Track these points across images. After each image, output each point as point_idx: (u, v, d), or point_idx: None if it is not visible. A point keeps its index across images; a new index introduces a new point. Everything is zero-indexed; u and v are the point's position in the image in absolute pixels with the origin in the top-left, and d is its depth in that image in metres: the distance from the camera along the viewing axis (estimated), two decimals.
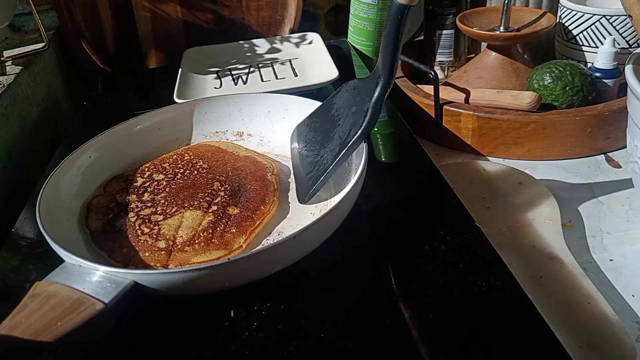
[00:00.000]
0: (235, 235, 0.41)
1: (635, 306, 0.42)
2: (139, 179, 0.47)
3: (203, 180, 0.46)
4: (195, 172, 0.48)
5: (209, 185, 0.46)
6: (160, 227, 0.42)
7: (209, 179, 0.46)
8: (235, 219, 0.42)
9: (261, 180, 0.46)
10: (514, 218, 0.51)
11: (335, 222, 0.39)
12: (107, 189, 0.47)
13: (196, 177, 0.47)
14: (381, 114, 0.63)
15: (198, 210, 0.43)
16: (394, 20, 0.41)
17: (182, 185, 0.46)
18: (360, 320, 0.35)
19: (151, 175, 0.48)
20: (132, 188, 0.46)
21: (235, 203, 0.44)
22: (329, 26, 0.97)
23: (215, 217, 0.42)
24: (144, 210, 0.44)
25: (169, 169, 0.48)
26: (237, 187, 0.45)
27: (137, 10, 0.81)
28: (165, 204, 0.44)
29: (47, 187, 0.42)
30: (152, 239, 0.41)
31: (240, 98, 0.55)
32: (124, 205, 0.45)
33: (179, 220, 0.42)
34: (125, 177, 0.48)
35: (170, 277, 0.34)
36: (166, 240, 0.41)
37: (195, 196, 0.44)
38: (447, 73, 0.79)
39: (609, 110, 0.59)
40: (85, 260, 0.35)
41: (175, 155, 0.50)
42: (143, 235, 0.41)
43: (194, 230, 0.41)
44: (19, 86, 0.66)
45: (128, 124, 0.51)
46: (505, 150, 0.62)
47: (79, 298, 0.33)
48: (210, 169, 0.48)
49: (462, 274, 0.38)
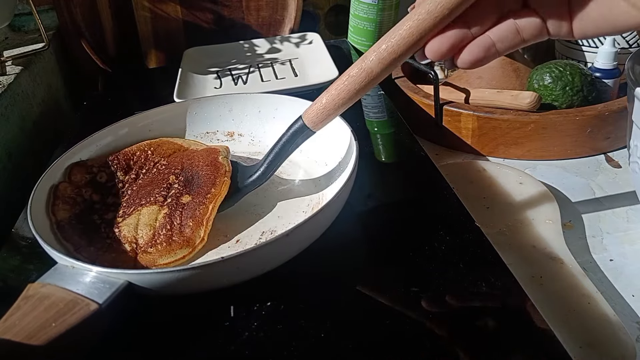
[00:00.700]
0: (193, 228, 0.40)
1: (635, 306, 0.42)
2: (104, 175, 0.47)
3: (160, 176, 0.46)
4: (154, 170, 0.47)
5: (164, 180, 0.45)
6: (121, 229, 0.42)
7: (165, 174, 0.46)
8: (189, 208, 0.42)
9: (212, 164, 0.45)
10: (514, 218, 0.51)
11: (327, 220, 0.39)
12: (72, 178, 0.46)
13: (155, 175, 0.47)
14: (381, 114, 0.63)
15: (154, 206, 0.43)
16: (293, 134, 0.41)
17: (141, 185, 0.46)
18: (360, 320, 0.35)
19: (115, 172, 0.47)
20: (97, 185, 0.46)
21: (188, 192, 0.44)
22: (329, 26, 0.97)
23: (169, 209, 0.42)
24: (108, 214, 0.44)
25: (134, 169, 0.48)
26: (190, 177, 0.45)
27: (137, 10, 0.81)
28: (126, 205, 0.44)
29: (37, 190, 0.42)
30: (116, 242, 0.41)
31: (231, 98, 0.55)
32: (90, 203, 0.45)
33: (136, 219, 0.42)
34: (88, 168, 0.47)
35: (164, 277, 0.34)
36: (129, 242, 0.41)
37: (151, 193, 0.44)
38: (447, 73, 0.79)
39: (609, 110, 0.59)
40: (78, 261, 0.35)
41: (139, 152, 0.49)
42: (108, 239, 0.41)
43: (152, 228, 0.41)
44: (19, 86, 0.66)
45: (119, 125, 0.51)
46: (505, 150, 0.62)
47: (73, 299, 0.33)
48: (169, 164, 0.47)
49: (462, 274, 0.38)
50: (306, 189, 0.47)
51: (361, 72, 0.36)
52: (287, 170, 0.50)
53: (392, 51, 0.34)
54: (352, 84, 0.36)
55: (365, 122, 0.61)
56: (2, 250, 0.44)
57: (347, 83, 0.37)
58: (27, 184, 0.43)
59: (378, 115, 0.63)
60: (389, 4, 0.75)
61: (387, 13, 0.75)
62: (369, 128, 0.60)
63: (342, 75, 0.37)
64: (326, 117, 0.39)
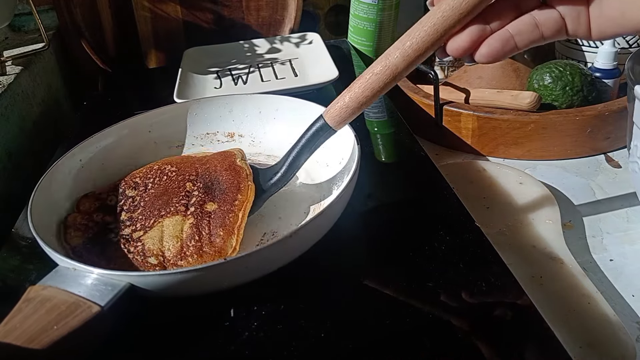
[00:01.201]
0: (224, 238, 0.39)
1: (635, 306, 0.42)
2: (113, 198, 0.45)
3: (174, 184, 0.44)
4: (164, 177, 0.46)
5: (181, 188, 0.44)
6: (144, 242, 0.40)
7: (179, 181, 0.45)
8: (217, 217, 0.40)
9: (231, 168, 0.44)
10: (514, 218, 0.51)
11: (329, 222, 0.39)
12: (81, 207, 0.45)
13: (167, 183, 0.45)
14: (381, 114, 0.63)
15: (176, 216, 0.41)
16: (314, 134, 0.41)
17: (154, 195, 0.44)
18: (360, 320, 0.35)
19: (124, 192, 0.46)
20: (108, 208, 0.45)
21: (211, 199, 0.42)
22: (329, 26, 0.97)
23: (195, 218, 0.41)
24: (124, 230, 0.42)
25: (140, 182, 0.46)
26: (209, 182, 0.44)
27: (137, 10, 0.81)
28: (143, 219, 0.42)
29: (38, 191, 0.42)
30: (140, 256, 0.39)
31: (231, 99, 0.55)
32: (103, 224, 0.43)
33: (159, 232, 0.41)
34: (97, 196, 0.46)
35: (166, 279, 0.33)
36: (155, 256, 0.39)
37: (170, 202, 0.43)
38: (447, 73, 0.79)
39: (609, 110, 0.59)
40: (80, 263, 0.34)
41: (145, 169, 0.48)
42: (130, 254, 0.40)
43: (179, 240, 0.40)
44: (19, 86, 0.66)
45: (119, 126, 0.51)
46: (505, 150, 0.62)
47: (75, 301, 0.32)
48: (179, 171, 0.46)
49: (462, 274, 0.38)
50: (307, 190, 0.47)
51: (385, 70, 0.36)
52: None
53: (416, 48, 0.34)
54: (376, 82, 0.36)
55: (365, 122, 0.61)
56: (2, 250, 0.44)
57: (370, 81, 0.37)
58: (27, 184, 0.43)
59: (378, 115, 0.63)
60: (389, 4, 0.75)
61: (387, 13, 0.75)
62: (369, 128, 0.60)
63: (364, 72, 0.37)
64: (349, 115, 0.39)
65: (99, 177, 0.48)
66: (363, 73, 0.37)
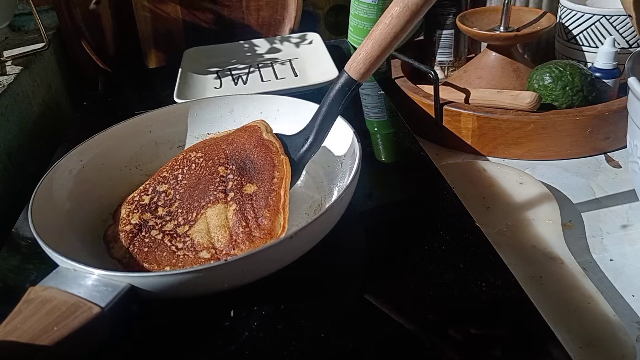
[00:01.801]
0: (271, 219, 0.39)
1: (635, 306, 0.42)
2: (145, 197, 0.45)
3: (205, 170, 0.44)
4: (193, 165, 0.45)
5: (214, 174, 0.43)
6: (192, 237, 0.40)
7: (210, 167, 0.44)
8: (259, 198, 0.40)
9: (260, 144, 0.43)
10: (514, 218, 0.51)
11: (330, 223, 0.39)
12: (116, 216, 0.44)
13: (197, 171, 0.44)
14: (381, 114, 0.63)
15: (217, 204, 0.41)
16: (340, 91, 0.40)
17: (188, 186, 0.43)
18: (360, 320, 0.35)
19: (155, 189, 0.45)
20: (142, 207, 0.44)
21: (248, 180, 0.41)
22: (329, 26, 0.97)
23: (237, 204, 0.40)
24: (166, 225, 0.41)
25: (169, 176, 0.46)
26: (241, 163, 0.43)
27: (137, 10, 0.81)
28: (184, 212, 0.41)
29: (38, 191, 0.42)
30: (191, 252, 0.39)
31: (232, 99, 0.55)
32: (141, 224, 0.42)
33: (204, 223, 0.40)
34: (130, 200, 0.45)
35: (167, 280, 0.33)
36: (206, 249, 0.39)
37: (207, 191, 0.42)
38: (447, 73, 0.79)
39: (609, 110, 0.59)
40: (80, 264, 0.34)
41: (170, 162, 0.48)
42: (180, 251, 0.39)
43: (226, 229, 0.39)
44: (19, 86, 0.66)
45: (119, 126, 0.51)
46: (505, 150, 0.62)
47: (75, 302, 0.32)
48: (207, 156, 0.45)
49: (462, 274, 0.38)
50: (308, 191, 0.47)
51: (404, 10, 0.35)
52: None
53: None
54: (397, 24, 0.36)
55: (365, 122, 0.61)
56: (2, 250, 0.44)
57: (391, 25, 0.36)
58: (27, 184, 0.43)
59: (378, 115, 0.63)
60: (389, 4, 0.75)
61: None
62: (369, 128, 0.60)
63: (382, 18, 0.36)
64: (372, 64, 0.38)
65: (100, 178, 0.48)
66: (381, 18, 0.36)
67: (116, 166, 0.50)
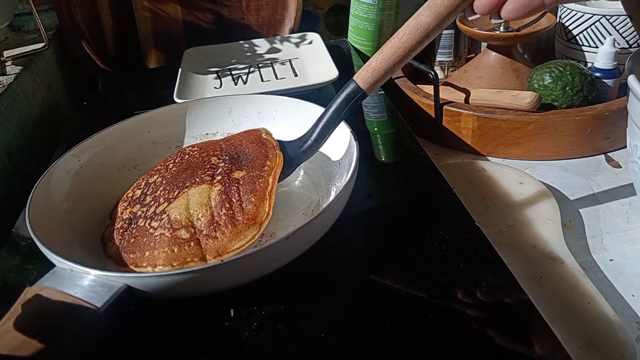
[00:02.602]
0: (256, 204, 0.37)
1: (635, 306, 0.42)
2: (137, 191, 0.45)
3: (198, 160, 0.42)
4: (186, 156, 0.44)
5: (205, 162, 0.42)
6: (169, 214, 0.38)
7: (203, 157, 0.43)
8: (246, 183, 0.39)
9: (257, 141, 0.43)
10: (514, 218, 0.51)
11: (328, 223, 0.39)
12: (113, 215, 0.44)
13: (189, 160, 0.43)
14: (381, 114, 0.63)
15: (202, 185, 0.39)
16: (346, 99, 0.41)
17: (177, 172, 0.42)
18: (360, 320, 0.35)
19: (147, 181, 0.45)
20: (134, 201, 0.43)
21: (238, 167, 0.40)
22: (329, 26, 0.97)
23: (223, 185, 0.38)
24: (149, 210, 0.41)
25: (160, 167, 0.45)
26: (235, 155, 0.42)
27: (137, 10, 0.81)
28: (166, 192, 0.40)
29: (36, 192, 0.41)
30: (167, 230, 0.37)
31: (230, 99, 0.55)
32: (131, 218, 0.42)
33: (184, 200, 0.38)
34: (125, 198, 0.45)
35: (163, 280, 0.33)
36: (185, 227, 0.37)
37: (194, 175, 0.40)
38: (447, 73, 0.79)
39: (609, 110, 0.59)
40: (77, 264, 0.34)
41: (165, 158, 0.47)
42: (156, 230, 0.37)
43: (208, 208, 0.37)
44: (19, 86, 0.66)
45: (118, 126, 0.51)
46: (505, 150, 0.62)
47: (72, 302, 0.32)
48: (202, 149, 0.44)
49: (462, 274, 0.38)
50: (306, 191, 0.47)
51: (417, 29, 0.37)
52: None
53: (448, 5, 0.35)
54: (409, 41, 0.37)
55: (365, 122, 0.61)
56: (2, 250, 0.44)
57: (403, 40, 0.37)
58: (27, 184, 0.43)
59: (378, 115, 0.63)
60: (389, 4, 0.75)
61: (387, 13, 0.75)
62: (369, 128, 0.60)
63: (395, 34, 0.37)
64: (381, 77, 0.39)
65: (98, 178, 0.48)
66: (394, 35, 0.38)
67: (114, 166, 0.50)
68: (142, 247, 0.38)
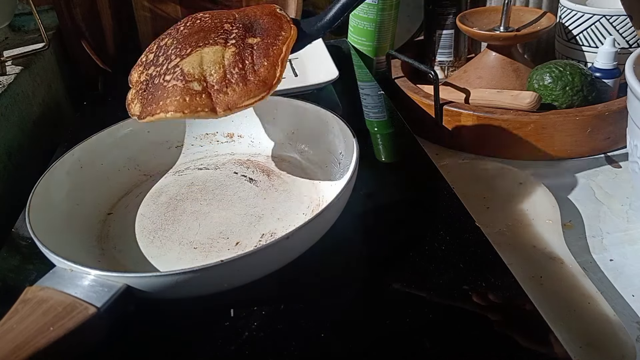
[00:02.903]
0: (269, 68, 0.38)
1: (635, 306, 0.42)
2: (151, 55, 0.44)
3: (210, 25, 0.42)
4: (198, 21, 0.44)
5: (219, 27, 0.42)
6: (182, 67, 0.38)
7: (216, 23, 0.42)
8: (260, 48, 0.39)
9: (272, 15, 0.43)
10: (514, 218, 0.51)
11: (328, 222, 0.39)
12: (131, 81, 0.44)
13: (202, 24, 0.43)
14: (381, 114, 0.63)
15: (216, 46, 0.39)
16: None
17: (188, 34, 0.42)
18: (360, 320, 0.35)
19: (159, 45, 0.44)
20: (148, 64, 0.43)
21: (252, 35, 0.40)
22: None
23: (237, 48, 0.39)
24: (163, 67, 0.40)
25: (171, 31, 0.45)
26: (249, 24, 0.42)
27: (137, 10, 0.81)
28: (178, 50, 0.40)
29: (36, 191, 0.42)
30: (180, 81, 0.38)
31: None
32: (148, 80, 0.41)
33: (198, 57, 0.39)
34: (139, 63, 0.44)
35: (163, 280, 0.33)
36: (197, 80, 0.37)
37: (207, 37, 0.40)
38: (447, 73, 0.79)
39: (609, 110, 0.59)
40: (77, 264, 0.34)
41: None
42: (169, 83, 0.38)
43: (221, 66, 0.38)
44: (19, 86, 0.66)
45: (118, 126, 0.51)
46: (505, 150, 0.62)
47: (71, 303, 0.32)
48: (214, 16, 0.44)
49: (462, 274, 0.38)
50: (306, 190, 0.47)
51: None
52: (286, 172, 0.50)
53: None
54: None
55: (365, 122, 0.61)
56: (2, 250, 0.44)
57: None
58: (27, 184, 0.43)
59: (378, 115, 0.63)
60: (389, 3, 0.75)
61: (387, 13, 0.75)
62: (369, 128, 0.60)
63: None
64: None
65: (98, 178, 0.48)
66: None
67: (114, 166, 0.50)
68: (157, 100, 0.39)
